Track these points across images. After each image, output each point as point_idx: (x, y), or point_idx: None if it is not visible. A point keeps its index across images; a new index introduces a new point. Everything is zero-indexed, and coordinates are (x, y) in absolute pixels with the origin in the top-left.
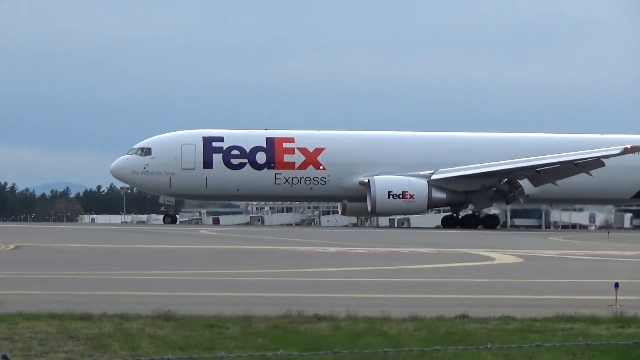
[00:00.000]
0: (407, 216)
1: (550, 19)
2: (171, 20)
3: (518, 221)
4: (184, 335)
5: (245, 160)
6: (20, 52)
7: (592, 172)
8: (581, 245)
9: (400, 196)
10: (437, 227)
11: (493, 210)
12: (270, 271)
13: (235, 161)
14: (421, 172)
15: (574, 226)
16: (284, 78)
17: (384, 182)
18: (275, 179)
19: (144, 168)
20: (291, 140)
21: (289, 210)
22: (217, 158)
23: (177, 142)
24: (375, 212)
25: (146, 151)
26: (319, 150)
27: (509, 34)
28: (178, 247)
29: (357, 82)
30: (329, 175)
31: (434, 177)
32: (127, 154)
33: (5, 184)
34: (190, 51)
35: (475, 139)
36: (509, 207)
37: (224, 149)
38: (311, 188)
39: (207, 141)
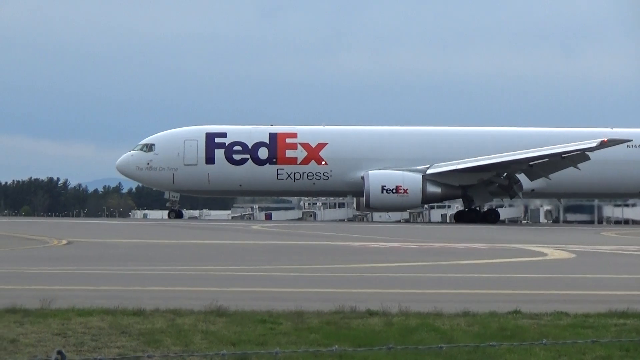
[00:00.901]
0: None
1: (598, 13)
2: (223, 16)
3: (570, 216)
4: (236, 331)
5: (247, 156)
6: (69, 52)
7: (600, 166)
8: (634, 241)
9: (394, 191)
10: (451, 223)
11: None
12: (322, 267)
13: (237, 157)
14: (419, 167)
15: (626, 222)
16: (329, 75)
17: (377, 177)
18: (277, 174)
19: (148, 164)
20: (294, 135)
21: (341, 205)
22: (219, 154)
23: (180, 138)
24: (370, 207)
25: (150, 147)
26: (321, 146)
27: (557, 28)
28: (230, 242)
29: (405, 78)
30: (331, 171)
31: (429, 171)
32: (132, 150)
33: (58, 179)
34: (243, 47)
35: (479, 133)
36: (562, 203)
37: (227, 144)
38: (314, 183)
39: (210, 137)
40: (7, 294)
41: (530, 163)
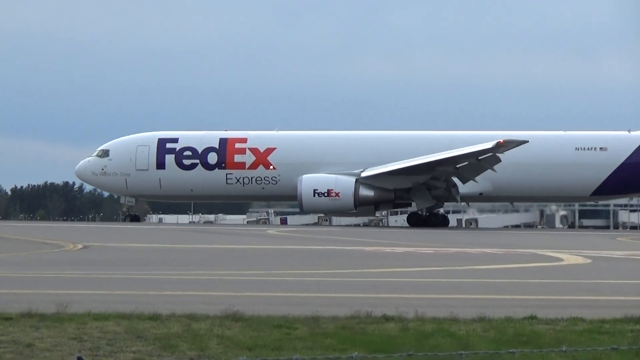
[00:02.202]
0: (475, 217)
1: (617, 20)
2: (239, 22)
3: (586, 222)
4: (252, 336)
5: (197, 161)
6: (84, 58)
7: (549, 169)
8: None
9: (326, 194)
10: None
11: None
12: (338, 271)
13: (187, 162)
14: (355, 171)
15: None
16: (347, 80)
17: (310, 181)
18: (226, 179)
19: (102, 169)
20: (244, 140)
21: None
22: (169, 159)
23: (133, 143)
24: (303, 210)
25: (105, 153)
26: (269, 150)
27: (575, 34)
28: (246, 247)
29: (423, 83)
30: (279, 175)
31: (362, 174)
32: (90, 156)
33: (74, 184)
34: (260, 54)
35: (424, 137)
36: (581, 207)
37: (177, 150)
38: (263, 188)
39: (162, 142)
40: (23, 298)
41: (457, 166)
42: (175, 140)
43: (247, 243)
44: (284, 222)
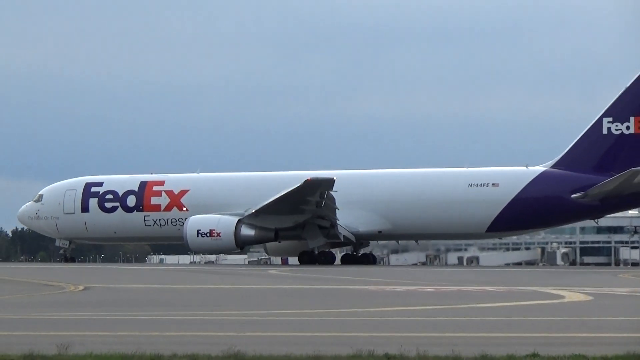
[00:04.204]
0: (476, 255)
1: (615, 55)
2: (234, 62)
3: (587, 259)
4: None
5: (117, 204)
6: (78, 100)
7: (444, 206)
8: None
9: (208, 234)
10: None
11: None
12: (340, 310)
13: (108, 205)
14: (240, 211)
15: None
16: (340, 119)
17: (194, 222)
18: (144, 221)
19: (36, 213)
20: (161, 183)
21: None
22: (93, 202)
23: (62, 188)
24: (191, 250)
25: (40, 197)
26: (183, 192)
27: (575, 71)
28: (247, 287)
29: (421, 121)
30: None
31: (246, 214)
32: (30, 201)
33: None
34: (257, 93)
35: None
36: (582, 245)
37: (100, 193)
38: (179, 229)
39: (88, 187)
40: (25, 340)
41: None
42: (100, 184)
43: (248, 283)
44: (285, 261)
